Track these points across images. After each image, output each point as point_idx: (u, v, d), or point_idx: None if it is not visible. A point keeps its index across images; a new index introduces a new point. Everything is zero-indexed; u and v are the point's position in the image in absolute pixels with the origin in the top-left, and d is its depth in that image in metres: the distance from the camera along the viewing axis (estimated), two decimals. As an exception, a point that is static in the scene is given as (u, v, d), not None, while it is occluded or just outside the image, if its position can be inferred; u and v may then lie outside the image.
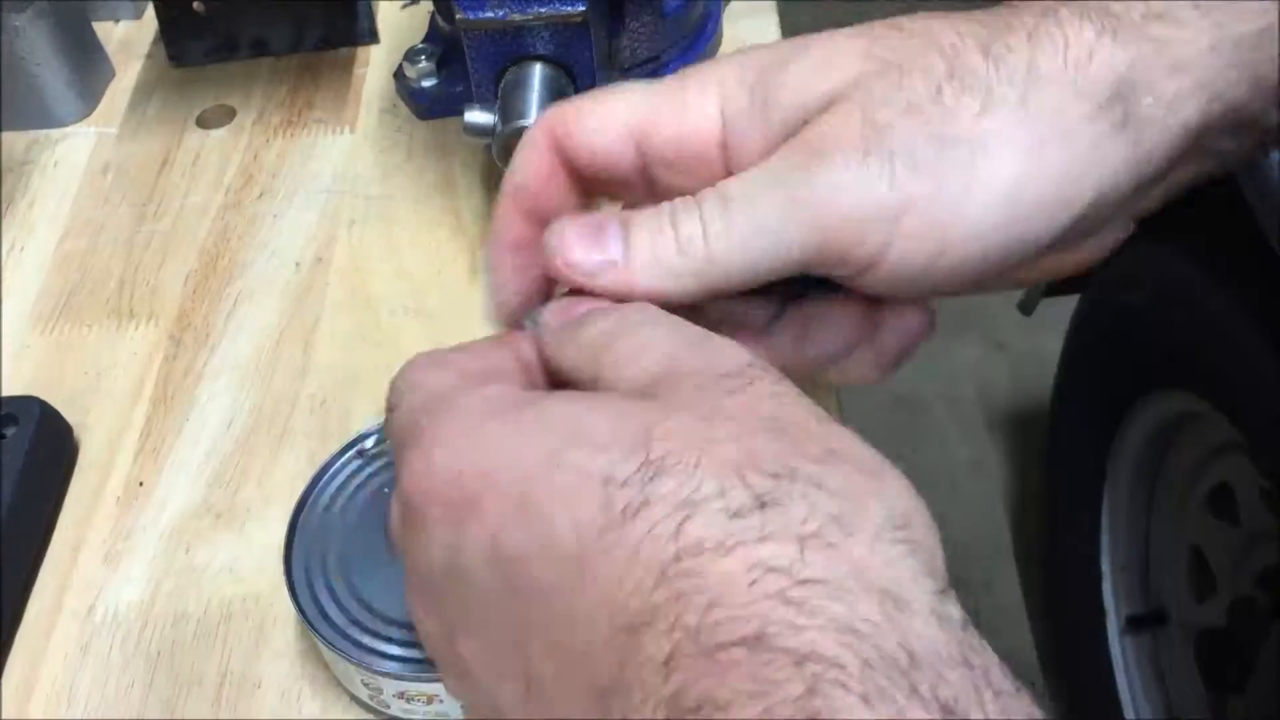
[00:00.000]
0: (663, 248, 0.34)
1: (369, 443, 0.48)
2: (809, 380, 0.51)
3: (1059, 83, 0.34)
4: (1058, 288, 1.27)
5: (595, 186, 0.38)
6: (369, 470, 0.47)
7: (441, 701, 0.43)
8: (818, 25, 0.44)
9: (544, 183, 0.37)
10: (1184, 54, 0.35)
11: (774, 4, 0.71)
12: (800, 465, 0.28)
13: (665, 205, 0.35)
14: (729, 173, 0.35)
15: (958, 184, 0.34)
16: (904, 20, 0.36)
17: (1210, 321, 0.97)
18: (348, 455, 0.48)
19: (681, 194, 0.35)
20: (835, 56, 0.35)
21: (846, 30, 0.36)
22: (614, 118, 0.36)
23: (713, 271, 0.34)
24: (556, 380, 0.35)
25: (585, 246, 0.35)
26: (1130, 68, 0.35)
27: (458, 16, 0.53)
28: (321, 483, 0.47)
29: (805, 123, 0.35)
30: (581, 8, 0.52)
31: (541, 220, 0.36)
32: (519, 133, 0.52)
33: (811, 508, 0.27)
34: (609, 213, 0.36)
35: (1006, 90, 0.34)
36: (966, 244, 0.34)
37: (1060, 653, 1.43)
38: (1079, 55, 0.35)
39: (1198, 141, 0.36)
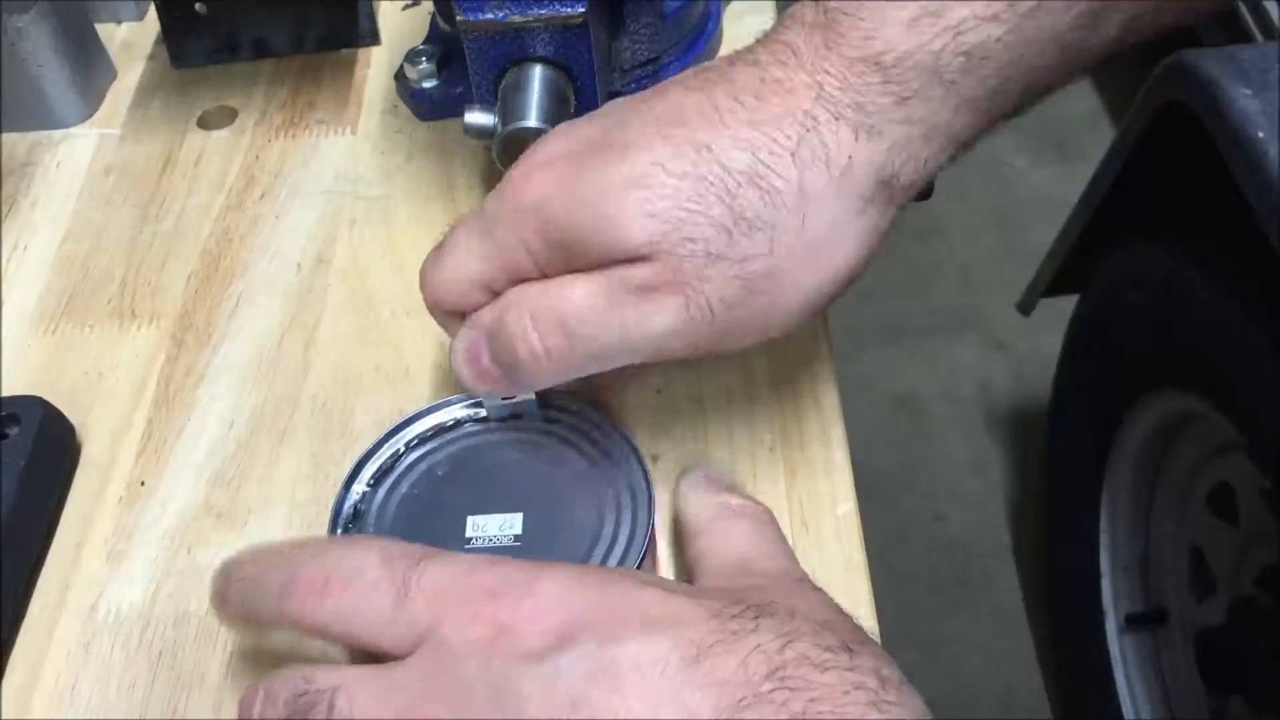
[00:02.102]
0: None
1: (394, 447, 0.47)
2: (811, 376, 0.52)
3: (827, 197, 0.40)
4: (1057, 287, 1.27)
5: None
6: (392, 478, 0.47)
7: None
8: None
9: (446, 316, 0.46)
10: (936, 120, 0.41)
11: (774, 4, 0.71)
12: (865, 640, 0.36)
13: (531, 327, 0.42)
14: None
15: (765, 305, 0.41)
16: (668, 158, 0.40)
17: (1210, 321, 0.98)
18: (370, 465, 0.47)
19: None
20: (625, 219, 0.40)
21: (630, 185, 0.41)
22: (462, 276, 0.44)
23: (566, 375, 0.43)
24: None
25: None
26: (888, 156, 0.41)
27: (458, 18, 0.53)
28: (349, 497, 0.46)
29: (612, 263, 0.41)
30: (581, 9, 0.52)
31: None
32: (519, 134, 0.53)
33: (882, 661, 0.35)
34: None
35: (786, 218, 0.40)
36: (781, 330, 0.43)
37: (1060, 652, 1.43)
38: (840, 162, 0.40)
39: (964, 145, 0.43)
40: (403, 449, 0.48)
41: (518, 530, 0.44)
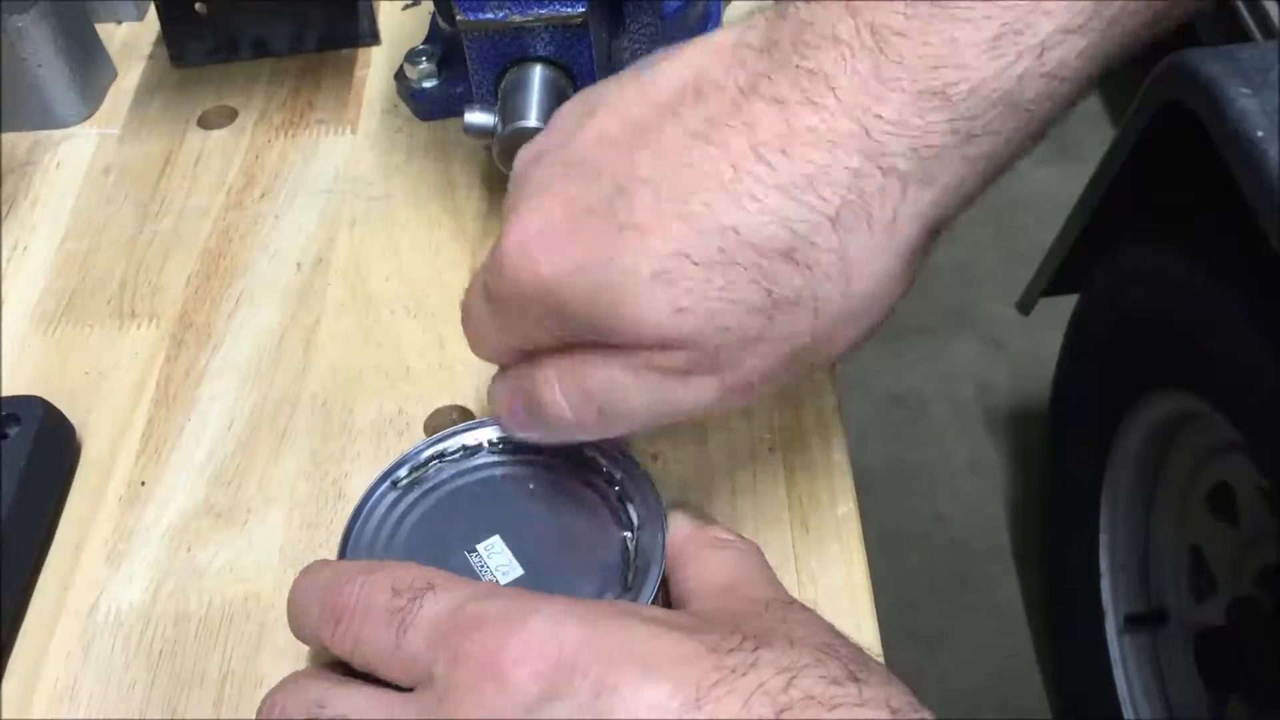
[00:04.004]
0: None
1: (402, 472, 0.47)
2: (809, 379, 0.52)
3: (871, 258, 0.36)
4: (1056, 286, 1.27)
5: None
6: (407, 501, 0.46)
7: None
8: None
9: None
10: (996, 153, 0.36)
11: (773, 4, 0.71)
12: (869, 663, 0.35)
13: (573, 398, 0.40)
14: None
15: (805, 368, 0.39)
16: (692, 246, 0.36)
17: (1210, 321, 0.98)
18: (383, 487, 0.46)
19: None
20: (653, 316, 0.37)
21: (653, 280, 0.37)
22: (488, 345, 0.43)
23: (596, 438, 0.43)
24: None
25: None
26: (937, 205, 0.36)
27: (458, 18, 0.53)
28: (361, 517, 0.45)
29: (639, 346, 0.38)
30: (581, 9, 0.52)
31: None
32: (519, 134, 0.53)
33: (892, 688, 0.34)
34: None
35: (828, 289, 0.36)
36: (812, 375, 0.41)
37: (1060, 652, 1.43)
38: (885, 220, 0.35)
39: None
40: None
41: (525, 559, 0.43)
